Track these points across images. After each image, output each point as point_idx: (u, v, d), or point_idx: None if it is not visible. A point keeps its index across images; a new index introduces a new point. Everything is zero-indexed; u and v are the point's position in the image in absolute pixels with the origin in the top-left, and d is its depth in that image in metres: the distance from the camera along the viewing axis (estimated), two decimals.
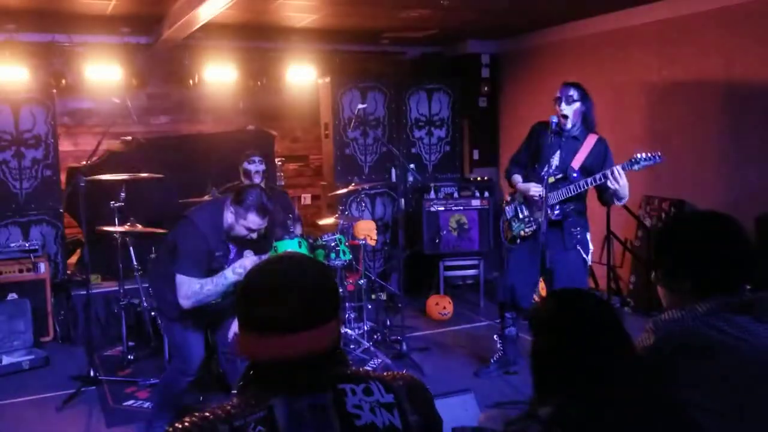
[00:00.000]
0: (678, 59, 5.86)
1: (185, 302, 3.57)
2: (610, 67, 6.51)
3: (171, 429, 1.32)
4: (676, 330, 1.78)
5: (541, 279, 4.64)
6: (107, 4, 5.39)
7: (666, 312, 1.85)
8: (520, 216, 4.67)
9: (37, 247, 5.80)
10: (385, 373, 1.50)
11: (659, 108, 6.09)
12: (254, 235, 3.73)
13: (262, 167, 5.35)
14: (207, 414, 1.32)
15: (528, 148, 4.73)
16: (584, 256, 4.53)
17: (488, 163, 8.13)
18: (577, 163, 4.42)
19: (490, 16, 6.44)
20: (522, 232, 4.59)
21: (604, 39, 6.57)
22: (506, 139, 7.98)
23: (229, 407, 1.33)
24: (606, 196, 4.39)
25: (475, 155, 8.14)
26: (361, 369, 1.49)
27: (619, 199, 4.29)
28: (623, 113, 6.30)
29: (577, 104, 4.41)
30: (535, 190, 4.52)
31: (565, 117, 4.39)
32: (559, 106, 4.40)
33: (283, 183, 6.52)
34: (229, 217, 3.67)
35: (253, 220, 3.61)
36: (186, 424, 1.31)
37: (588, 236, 4.58)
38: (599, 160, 4.37)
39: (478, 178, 7.39)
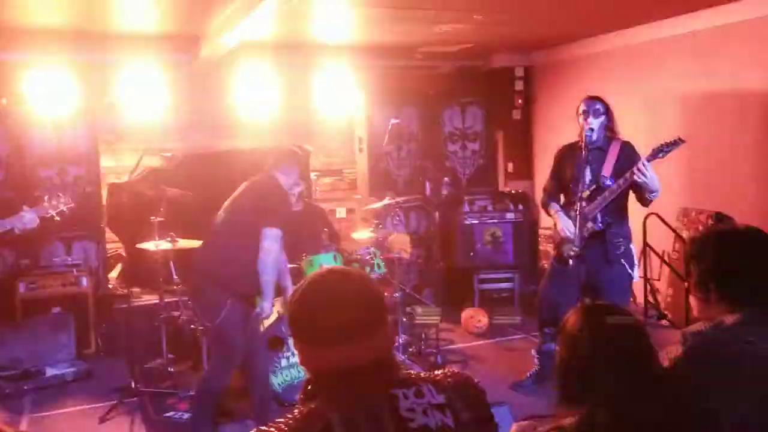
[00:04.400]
0: (714, 71, 5.79)
1: (267, 256, 3.81)
2: (646, 79, 6.46)
3: None
4: (704, 342, 1.79)
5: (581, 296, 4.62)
6: (147, 23, 5.54)
7: (695, 324, 1.86)
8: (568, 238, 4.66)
9: (79, 261, 5.94)
10: (435, 373, 1.53)
11: (696, 120, 6.01)
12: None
13: (298, 189, 5.40)
14: (270, 428, 1.38)
15: (558, 173, 4.78)
16: (629, 270, 4.49)
17: (523, 176, 8.10)
18: (607, 171, 4.44)
19: (523, 30, 6.45)
20: (571, 252, 4.56)
21: (639, 50, 6.53)
22: (541, 151, 7.95)
23: (290, 420, 1.38)
24: (641, 194, 4.38)
25: (510, 168, 8.13)
26: (411, 372, 1.52)
27: (651, 192, 4.28)
28: (659, 125, 6.23)
29: (603, 117, 4.47)
30: (562, 225, 4.60)
31: (592, 130, 4.42)
32: (587, 119, 4.43)
33: (317, 197, 6.59)
34: (289, 179, 4.14)
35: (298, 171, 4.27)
36: None
37: (633, 249, 4.56)
38: (629, 163, 4.35)
39: (513, 191, 7.37)
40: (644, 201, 4.45)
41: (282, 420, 1.39)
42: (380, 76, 7.79)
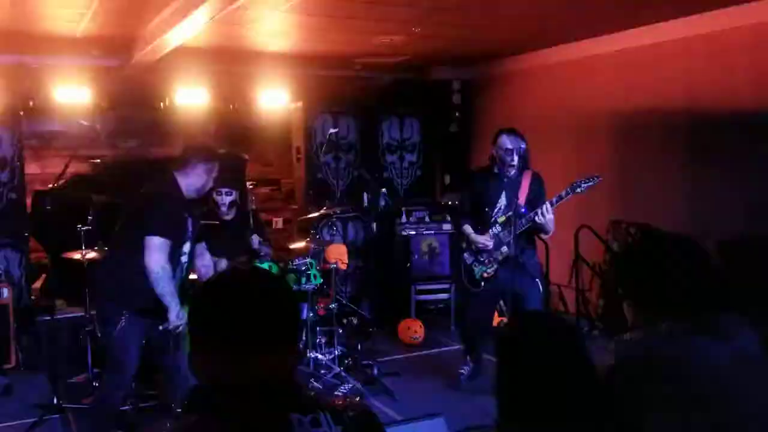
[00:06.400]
0: (642, 88, 5.98)
1: (154, 266, 3.57)
2: (577, 95, 6.62)
3: None
4: (636, 350, 1.81)
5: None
6: (77, 25, 5.36)
7: (627, 332, 1.88)
8: (480, 259, 4.87)
9: (0, 271, 5.68)
10: (338, 402, 1.46)
11: (624, 135, 6.19)
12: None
13: (229, 198, 5.29)
14: None
15: (472, 197, 5.01)
16: (540, 288, 4.84)
17: (460, 188, 8.16)
18: (522, 198, 4.72)
19: (460, 44, 6.53)
20: (485, 274, 4.85)
21: (571, 67, 6.68)
22: (477, 163, 8.02)
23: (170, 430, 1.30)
24: (537, 231, 4.74)
25: (447, 180, 8.19)
26: (313, 394, 1.47)
27: (545, 233, 4.66)
28: (589, 139, 6.40)
29: (523, 153, 4.73)
30: (484, 242, 4.81)
31: (513, 167, 4.70)
32: (512, 156, 4.65)
33: (254, 207, 6.48)
34: (194, 180, 3.84)
35: (216, 166, 3.92)
36: None
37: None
38: (538, 194, 4.71)
39: (450, 203, 7.42)
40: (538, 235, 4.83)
41: (160, 429, 1.31)
42: (318, 85, 7.75)
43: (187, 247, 3.88)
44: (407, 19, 5.40)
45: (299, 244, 5.90)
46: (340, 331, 5.81)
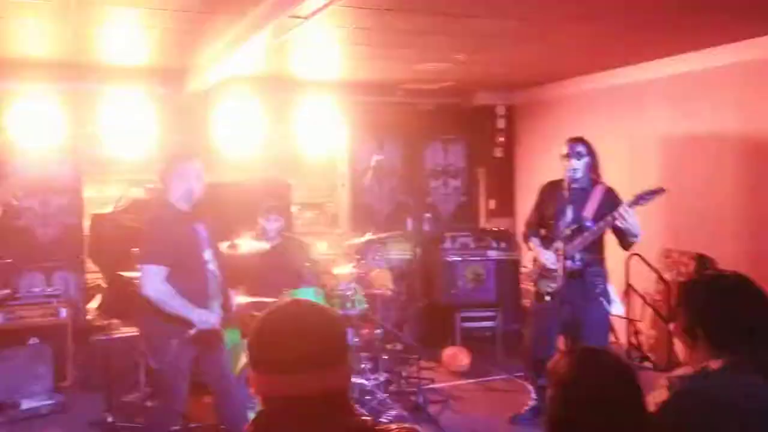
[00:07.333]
0: (694, 113, 5.90)
1: (151, 293, 3.66)
2: (627, 120, 6.57)
3: None
4: (688, 388, 1.82)
5: (560, 333, 4.74)
6: (135, 56, 5.57)
7: (680, 368, 1.89)
8: (545, 273, 4.77)
9: (59, 292, 5.87)
10: (392, 427, 1.53)
11: (676, 162, 6.11)
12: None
13: (276, 224, 5.43)
14: None
15: (540, 209, 4.93)
16: (607, 307, 4.62)
17: (505, 214, 8.15)
18: (589, 212, 4.57)
19: (505, 70, 6.57)
20: (548, 288, 4.70)
21: (620, 92, 6.64)
22: (522, 189, 8.03)
23: None
24: (622, 238, 4.49)
25: (492, 205, 8.19)
26: (367, 420, 1.52)
27: (632, 236, 4.39)
28: (640, 167, 6.33)
29: (586, 158, 4.62)
30: (545, 257, 4.70)
31: (575, 170, 4.58)
32: (570, 161, 4.58)
33: (299, 231, 6.59)
34: (177, 191, 3.82)
35: (194, 167, 3.88)
36: None
37: (610, 287, 4.68)
38: (611, 208, 4.44)
39: (495, 229, 7.41)
40: (625, 245, 4.55)
41: None
42: (362, 111, 7.84)
43: (208, 255, 3.94)
44: (450, 47, 5.45)
45: (343, 269, 5.95)
46: (385, 357, 5.83)
